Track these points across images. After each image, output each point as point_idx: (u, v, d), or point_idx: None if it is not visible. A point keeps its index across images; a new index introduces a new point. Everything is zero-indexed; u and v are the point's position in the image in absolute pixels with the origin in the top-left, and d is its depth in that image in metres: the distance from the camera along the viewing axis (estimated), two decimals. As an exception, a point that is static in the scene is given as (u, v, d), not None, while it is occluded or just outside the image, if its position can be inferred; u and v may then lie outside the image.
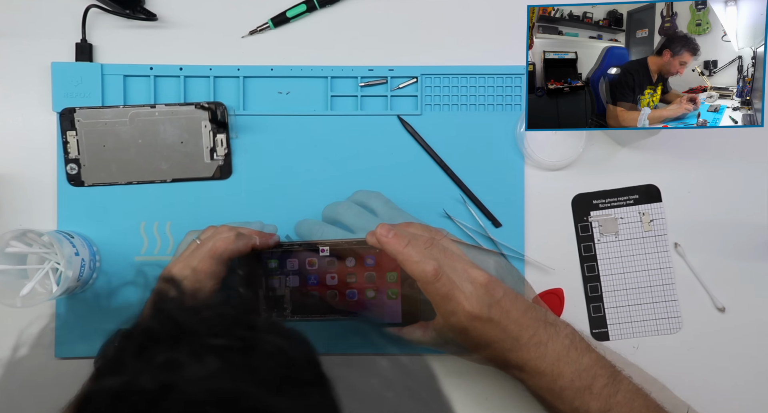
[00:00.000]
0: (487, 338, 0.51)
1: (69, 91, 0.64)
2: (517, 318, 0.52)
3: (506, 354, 0.52)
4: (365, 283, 0.56)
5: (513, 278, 0.57)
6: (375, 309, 0.56)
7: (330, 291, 0.56)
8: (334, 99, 0.66)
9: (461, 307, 0.50)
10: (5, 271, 0.60)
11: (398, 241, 0.50)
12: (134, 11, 0.64)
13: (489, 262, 0.56)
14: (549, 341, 0.52)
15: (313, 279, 0.56)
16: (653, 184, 0.66)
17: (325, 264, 0.56)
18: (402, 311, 0.56)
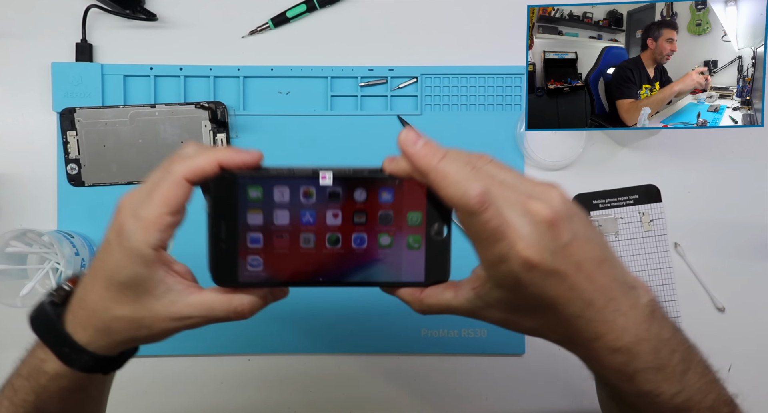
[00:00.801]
0: (548, 297, 0.37)
1: (69, 91, 0.64)
2: (590, 272, 0.37)
3: (574, 323, 0.38)
4: (378, 226, 0.41)
5: (583, 219, 0.38)
6: (389, 262, 0.41)
7: (330, 233, 0.41)
8: (334, 99, 0.66)
9: (515, 251, 0.35)
10: (5, 271, 0.60)
11: (431, 152, 0.36)
12: (134, 11, 0.64)
13: (551, 195, 0.37)
14: (630, 310, 0.38)
15: (309, 217, 0.40)
16: (653, 184, 0.66)
17: (326, 197, 0.40)
18: (426, 266, 0.42)
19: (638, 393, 0.41)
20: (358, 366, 0.66)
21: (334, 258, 0.41)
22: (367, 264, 0.41)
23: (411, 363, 0.66)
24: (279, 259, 0.40)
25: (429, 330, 0.65)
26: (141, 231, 0.36)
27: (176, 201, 0.37)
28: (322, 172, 0.40)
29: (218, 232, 0.39)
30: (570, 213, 0.36)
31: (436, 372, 0.66)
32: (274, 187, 0.40)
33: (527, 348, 0.66)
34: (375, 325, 0.65)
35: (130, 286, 0.37)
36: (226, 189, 0.39)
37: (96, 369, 0.40)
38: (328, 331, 0.65)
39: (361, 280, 0.41)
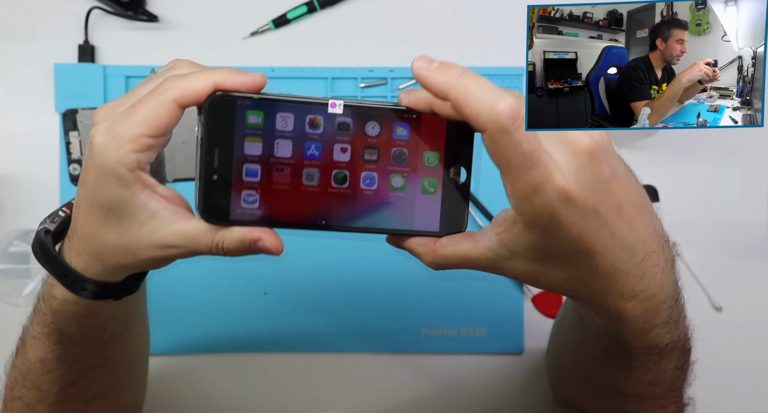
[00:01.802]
0: (586, 241, 0.32)
1: (71, 92, 0.64)
2: (631, 218, 0.33)
3: (611, 276, 0.33)
4: (391, 165, 0.36)
5: (622, 160, 0.35)
6: (401, 207, 0.36)
7: (337, 170, 0.36)
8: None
9: (552, 180, 0.30)
10: (8, 271, 0.60)
11: (450, 69, 0.32)
12: (136, 13, 0.65)
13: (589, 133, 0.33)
14: (666, 266, 0.34)
15: (314, 149, 0.35)
16: (651, 184, 0.67)
17: (335, 128, 0.35)
18: (441, 214, 0.37)
19: (646, 346, 0.37)
20: (357, 365, 0.66)
21: (339, 198, 0.36)
22: (376, 208, 0.37)
23: (410, 362, 0.66)
24: (277, 196, 0.35)
25: (428, 329, 0.65)
26: (115, 149, 0.32)
27: (160, 123, 0.32)
28: (332, 100, 0.35)
29: (210, 161, 0.34)
30: (611, 149, 0.33)
31: (435, 371, 0.66)
32: (278, 113, 0.35)
33: (526, 348, 0.66)
34: (374, 324, 0.65)
35: (110, 208, 0.34)
36: (223, 112, 0.34)
37: (103, 295, 0.38)
38: (328, 330, 0.66)
39: (368, 226, 0.37)
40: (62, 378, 0.43)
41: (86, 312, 0.39)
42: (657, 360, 0.39)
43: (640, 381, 0.40)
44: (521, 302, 0.66)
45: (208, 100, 0.33)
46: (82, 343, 0.41)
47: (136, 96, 0.34)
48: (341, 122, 0.35)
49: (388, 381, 0.66)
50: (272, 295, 0.65)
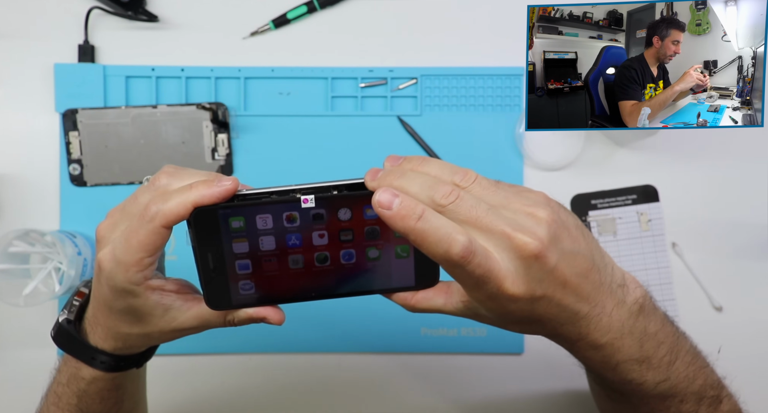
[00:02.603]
0: (535, 316, 0.38)
1: (71, 92, 0.64)
2: (576, 286, 0.38)
3: (559, 329, 0.39)
4: (365, 241, 0.41)
5: (575, 222, 0.39)
6: (379, 272, 0.41)
7: (318, 253, 0.41)
8: (335, 100, 0.66)
9: (502, 290, 0.36)
10: (8, 271, 0.60)
11: (408, 214, 0.35)
12: (136, 13, 0.65)
13: (539, 220, 0.36)
14: (614, 310, 0.39)
15: (295, 240, 0.40)
16: (651, 184, 0.67)
17: (310, 219, 0.40)
18: (416, 272, 0.42)
19: (622, 381, 0.42)
20: (358, 365, 0.66)
21: (324, 274, 0.41)
22: (357, 276, 0.42)
23: (410, 362, 0.66)
24: (270, 281, 0.41)
25: (428, 330, 0.65)
26: (122, 273, 0.38)
27: (154, 246, 0.38)
28: (303, 196, 0.39)
29: (206, 263, 0.39)
30: (557, 233, 0.36)
31: (435, 371, 0.66)
32: (257, 215, 0.39)
33: (526, 348, 0.66)
34: (375, 324, 0.65)
35: (128, 313, 0.40)
36: (208, 223, 0.39)
37: (128, 366, 0.44)
38: (328, 330, 0.66)
39: (353, 291, 0.42)
40: None
41: (110, 386, 0.45)
42: (661, 401, 0.44)
43: None
44: (521, 302, 0.66)
45: (191, 216, 0.38)
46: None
47: (129, 216, 0.39)
48: (315, 214, 0.39)
49: (388, 381, 0.66)
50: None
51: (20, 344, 0.65)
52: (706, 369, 0.46)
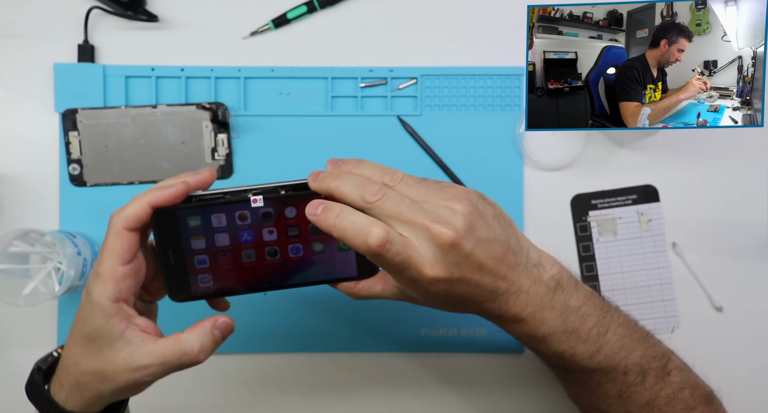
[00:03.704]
0: (457, 296, 0.43)
1: (71, 91, 0.64)
2: (492, 268, 0.42)
3: (481, 306, 0.44)
4: (310, 235, 0.46)
5: (493, 211, 0.45)
6: (324, 264, 0.47)
7: (269, 247, 0.46)
8: (335, 99, 0.66)
9: (422, 274, 0.41)
10: (8, 271, 0.60)
11: (328, 215, 0.41)
12: (136, 13, 0.65)
13: (456, 211, 0.41)
14: (531, 286, 0.44)
15: (247, 236, 0.45)
16: (651, 184, 0.67)
17: (260, 217, 0.45)
18: (357, 263, 0.47)
19: (554, 354, 0.47)
20: (357, 364, 0.66)
21: (274, 267, 0.46)
22: (305, 268, 0.46)
23: (410, 361, 0.66)
24: (226, 274, 0.45)
25: (428, 329, 0.65)
26: (99, 285, 0.41)
27: (123, 250, 0.41)
28: (253, 197, 0.44)
29: (167, 259, 0.44)
30: (473, 222, 0.41)
31: (435, 371, 0.66)
32: (212, 214, 0.44)
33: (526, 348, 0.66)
34: (374, 324, 0.65)
35: (93, 339, 0.42)
36: (167, 222, 0.43)
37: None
38: (327, 330, 0.66)
39: (302, 281, 0.47)
40: None
41: None
42: (603, 375, 0.48)
43: (634, 403, 0.49)
44: (521, 302, 0.66)
45: (152, 217, 0.43)
46: None
47: (105, 237, 0.43)
48: (264, 212, 0.45)
49: (388, 381, 0.66)
50: (272, 295, 0.65)
51: (20, 344, 0.65)
52: (646, 342, 0.49)
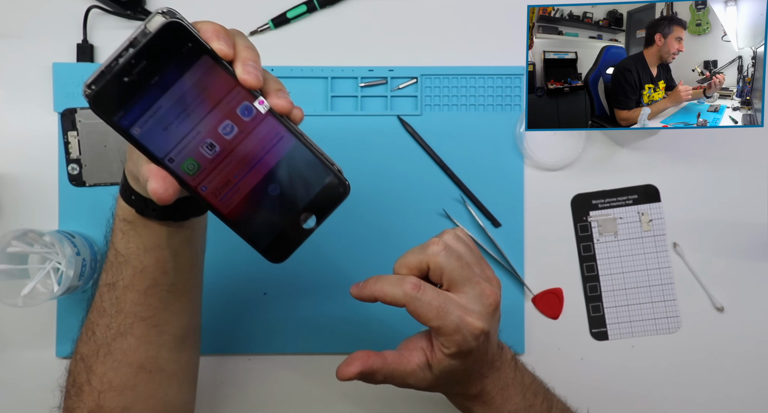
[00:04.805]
0: (474, 361, 0.48)
1: (70, 91, 0.64)
2: (492, 340, 0.49)
3: (476, 382, 0.49)
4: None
5: None
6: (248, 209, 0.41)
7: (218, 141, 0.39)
8: (335, 99, 0.66)
9: (466, 321, 0.46)
10: (7, 271, 0.60)
11: (367, 285, 0.47)
12: (135, 12, 0.64)
13: (496, 280, 0.49)
14: (502, 365, 0.50)
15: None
16: (652, 184, 0.67)
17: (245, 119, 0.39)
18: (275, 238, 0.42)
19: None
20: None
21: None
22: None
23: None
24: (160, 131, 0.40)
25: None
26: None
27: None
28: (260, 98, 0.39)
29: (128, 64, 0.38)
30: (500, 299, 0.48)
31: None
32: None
33: (527, 348, 0.66)
34: (375, 325, 0.65)
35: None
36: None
37: (141, 206, 0.45)
38: (328, 331, 0.65)
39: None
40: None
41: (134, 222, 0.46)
42: None
43: None
44: (522, 302, 0.66)
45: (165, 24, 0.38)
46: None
47: None
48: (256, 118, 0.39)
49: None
50: (272, 295, 0.65)
51: (19, 344, 0.64)
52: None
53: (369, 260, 0.65)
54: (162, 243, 0.46)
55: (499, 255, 0.65)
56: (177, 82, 0.37)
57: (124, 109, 0.38)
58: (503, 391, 0.50)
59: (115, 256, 0.47)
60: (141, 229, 0.46)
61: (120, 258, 0.46)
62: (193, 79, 0.38)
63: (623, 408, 0.66)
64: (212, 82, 0.38)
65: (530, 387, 0.52)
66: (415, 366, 0.47)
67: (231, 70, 0.38)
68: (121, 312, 0.47)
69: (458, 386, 0.49)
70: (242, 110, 0.39)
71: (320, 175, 0.40)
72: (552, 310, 0.66)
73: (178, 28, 0.37)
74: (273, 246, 0.41)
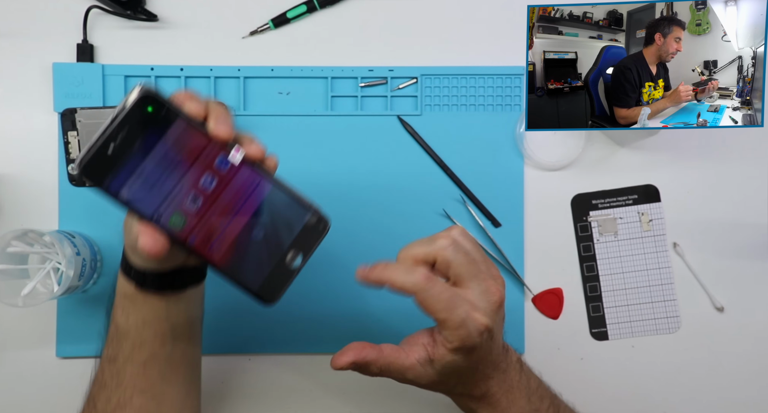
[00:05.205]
0: (477, 359, 0.47)
1: (70, 91, 0.64)
2: (497, 339, 0.48)
3: (480, 384, 0.49)
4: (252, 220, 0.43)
5: None
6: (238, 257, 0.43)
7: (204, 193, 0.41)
8: (335, 99, 0.66)
9: (472, 317, 0.45)
10: (6, 271, 0.60)
11: (377, 270, 0.48)
12: (135, 12, 0.64)
13: (502, 278, 0.49)
14: (508, 367, 0.50)
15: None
16: (652, 184, 0.67)
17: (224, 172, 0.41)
18: (267, 276, 0.45)
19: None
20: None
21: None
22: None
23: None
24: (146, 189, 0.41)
25: (429, 330, 0.65)
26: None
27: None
28: (235, 147, 0.41)
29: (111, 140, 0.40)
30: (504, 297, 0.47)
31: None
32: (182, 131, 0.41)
33: (527, 348, 0.66)
34: (375, 325, 0.65)
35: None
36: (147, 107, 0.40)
37: (140, 279, 0.47)
38: (328, 331, 0.65)
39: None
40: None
41: (132, 296, 0.48)
42: None
43: None
44: (522, 302, 0.66)
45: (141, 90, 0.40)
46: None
47: None
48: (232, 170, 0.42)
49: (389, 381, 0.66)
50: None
51: (19, 344, 0.64)
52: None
53: (369, 260, 0.65)
54: (161, 315, 0.48)
55: (499, 255, 0.65)
56: (157, 144, 0.40)
57: (113, 175, 0.40)
58: (508, 393, 0.49)
59: (115, 331, 0.49)
60: (140, 304, 0.47)
61: (120, 333, 0.48)
62: (171, 141, 0.40)
63: (623, 408, 0.66)
64: (189, 140, 0.40)
65: (536, 391, 0.51)
66: (414, 361, 0.47)
67: (204, 127, 0.41)
68: (121, 385, 0.49)
69: (461, 386, 0.49)
70: (219, 162, 0.41)
71: (300, 215, 0.43)
72: (552, 310, 0.66)
73: (152, 98, 0.40)
74: (264, 288, 0.43)
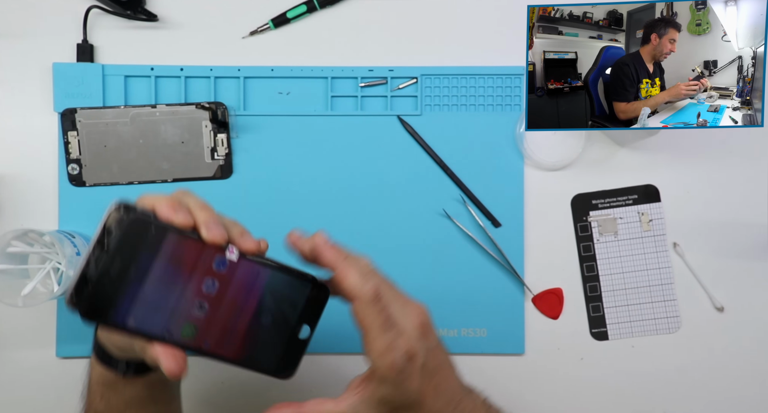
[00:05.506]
0: (420, 393, 0.42)
1: (70, 91, 0.64)
2: (447, 376, 0.44)
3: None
4: (256, 312, 0.43)
5: (436, 334, 0.46)
6: (252, 344, 0.44)
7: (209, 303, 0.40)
8: (335, 99, 0.66)
9: (402, 340, 0.41)
10: (7, 271, 0.60)
11: (338, 252, 0.42)
12: (135, 12, 0.64)
13: (422, 307, 0.45)
14: (474, 409, 0.46)
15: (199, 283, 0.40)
16: (652, 184, 0.67)
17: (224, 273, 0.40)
18: (282, 355, 0.45)
19: None
20: (358, 366, 0.66)
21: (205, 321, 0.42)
22: (229, 339, 0.43)
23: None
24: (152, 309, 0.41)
25: (429, 330, 0.65)
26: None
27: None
28: (230, 247, 0.40)
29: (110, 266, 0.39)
30: (432, 325, 0.44)
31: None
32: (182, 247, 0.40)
33: (527, 348, 0.66)
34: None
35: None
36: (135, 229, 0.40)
37: (124, 368, 0.47)
38: (328, 331, 0.65)
39: (217, 353, 0.44)
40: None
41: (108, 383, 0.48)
42: None
43: None
44: (522, 302, 0.66)
45: (119, 209, 0.41)
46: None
47: None
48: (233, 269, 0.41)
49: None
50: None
51: (19, 344, 0.64)
52: None
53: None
54: (142, 394, 0.48)
55: (499, 255, 0.65)
56: (153, 264, 0.39)
57: (115, 307, 0.38)
58: None
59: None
60: (121, 388, 0.47)
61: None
62: (166, 256, 0.39)
63: (623, 408, 0.66)
64: (183, 251, 0.39)
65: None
66: (344, 407, 0.45)
67: (196, 234, 0.40)
68: None
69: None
70: (217, 264, 0.40)
71: (301, 289, 0.43)
72: (552, 310, 0.66)
73: (137, 222, 0.39)
74: (280, 367, 0.44)
